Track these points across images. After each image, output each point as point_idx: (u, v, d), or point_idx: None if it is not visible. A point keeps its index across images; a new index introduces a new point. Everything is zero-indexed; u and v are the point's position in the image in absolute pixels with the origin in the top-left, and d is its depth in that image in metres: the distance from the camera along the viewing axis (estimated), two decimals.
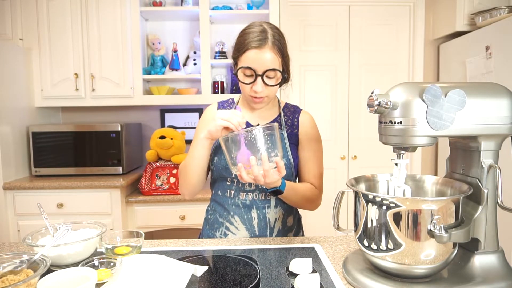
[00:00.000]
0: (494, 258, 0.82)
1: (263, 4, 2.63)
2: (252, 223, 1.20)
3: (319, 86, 2.97)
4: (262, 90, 1.12)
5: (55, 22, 2.48)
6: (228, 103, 1.31)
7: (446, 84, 0.79)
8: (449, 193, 0.87)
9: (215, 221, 1.26)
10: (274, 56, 1.09)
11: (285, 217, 1.23)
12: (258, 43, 1.08)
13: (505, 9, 2.24)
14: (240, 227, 1.21)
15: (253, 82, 1.11)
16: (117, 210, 2.30)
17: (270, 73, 1.10)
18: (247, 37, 1.11)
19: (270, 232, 1.21)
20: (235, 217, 1.21)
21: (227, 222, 1.22)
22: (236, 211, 1.21)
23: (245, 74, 1.13)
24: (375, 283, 0.80)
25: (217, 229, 1.24)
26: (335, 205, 0.90)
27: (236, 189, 1.21)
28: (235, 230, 1.21)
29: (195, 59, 2.65)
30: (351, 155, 3.01)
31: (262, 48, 1.08)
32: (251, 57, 1.09)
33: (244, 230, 1.20)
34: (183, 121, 2.87)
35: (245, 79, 1.13)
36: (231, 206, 1.21)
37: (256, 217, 1.20)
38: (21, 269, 0.80)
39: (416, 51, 2.92)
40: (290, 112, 1.28)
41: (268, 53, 1.08)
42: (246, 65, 1.10)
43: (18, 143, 2.41)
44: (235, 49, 1.18)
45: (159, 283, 0.81)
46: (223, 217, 1.23)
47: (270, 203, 1.20)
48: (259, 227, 1.20)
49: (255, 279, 0.87)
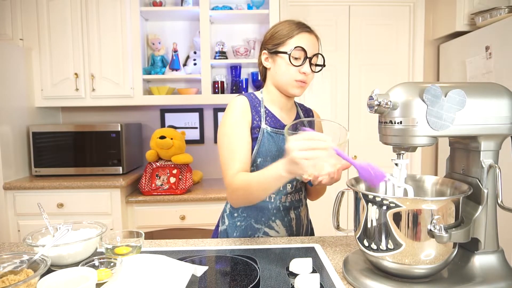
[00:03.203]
0: (494, 258, 0.83)
1: (263, 4, 2.63)
2: (291, 223, 1.22)
3: (319, 86, 2.96)
4: (310, 73, 1.14)
5: (55, 22, 2.48)
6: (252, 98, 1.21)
7: (446, 84, 0.79)
8: (449, 193, 0.87)
9: (248, 228, 1.21)
10: (318, 44, 1.17)
11: (307, 212, 1.31)
12: (308, 28, 1.16)
13: (505, 9, 2.24)
14: (281, 230, 1.21)
15: (302, 64, 1.13)
16: (117, 210, 2.30)
17: (316, 59, 1.16)
18: (291, 26, 1.15)
19: (303, 228, 1.26)
20: (276, 221, 1.20)
21: (266, 228, 1.20)
22: (277, 214, 1.20)
23: (294, 56, 1.13)
24: (375, 283, 0.80)
25: (251, 236, 1.21)
26: (335, 205, 0.90)
27: (278, 192, 1.20)
28: (275, 234, 1.21)
29: (195, 59, 2.65)
30: (351, 155, 3.01)
31: (312, 34, 1.16)
32: (304, 38, 1.14)
33: (284, 232, 1.22)
34: (183, 121, 2.87)
35: (294, 61, 1.14)
36: (272, 210, 1.20)
37: (294, 217, 1.23)
38: (21, 269, 0.80)
39: (416, 51, 2.92)
40: (304, 111, 1.33)
41: (316, 39, 1.16)
42: (300, 45, 1.13)
43: (18, 143, 2.41)
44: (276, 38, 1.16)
45: (159, 283, 0.81)
46: (260, 223, 1.20)
47: (302, 202, 1.26)
48: (296, 226, 1.24)
49: (255, 279, 0.87)
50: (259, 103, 1.20)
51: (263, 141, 1.16)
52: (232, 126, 1.13)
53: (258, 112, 1.18)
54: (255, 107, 1.19)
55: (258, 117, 1.17)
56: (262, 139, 1.16)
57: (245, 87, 2.71)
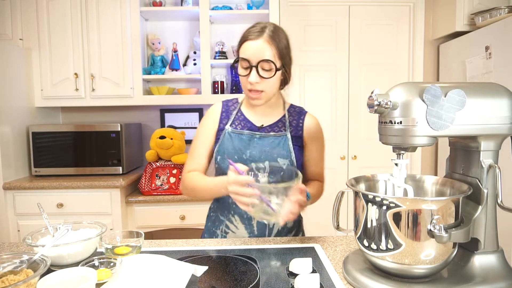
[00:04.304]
0: (494, 258, 0.82)
1: (263, 4, 2.63)
2: (252, 222, 1.21)
3: (319, 86, 2.97)
4: (257, 81, 1.12)
5: (55, 22, 2.48)
6: (232, 103, 1.31)
7: (446, 84, 0.79)
8: (449, 193, 0.87)
9: (216, 219, 1.28)
10: (269, 48, 1.11)
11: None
12: (255, 35, 1.12)
13: (505, 9, 2.24)
14: (239, 226, 1.21)
15: (248, 74, 1.13)
16: (117, 210, 2.30)
17: (265, 65, 1.11)
18: (248, 32, 1.15)
19: (269, 232, 1.22)
20: (235, 216, 1.21)
21: (227, 221, 1.24)
22: (236, 210, 1.21)
23: (242, 66, 1.14)
24: (375, 283, 0.80)
25: (217, 226, 1.26)
26: (335, 205, 0.90)
27: None
28: (235, 229, 1.22)
29: (195, 59, 2.65)
30: (351, 155, 3.01)
31: (257, 40, 1.11)
32: (247, 48, 1.12)
33: (243, 229, 1.21)
34: (183, 121, 2.87)
35: (242, 71, 1.15)
36: (232, 205, 1.21)
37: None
38: (21, 269, 0.80)
39: (416, 51, 2.92)
40: (295, 113, 1.29)
41: (263, 44, 1.11)
42: (242, 56, 1.13)
43: (18, 143, 2.41)
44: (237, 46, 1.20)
45: (159, 283, 0.81)
46: (223, 215, 1.25)
47: None
48: (258, 227, 1.21)
49: (255, 279, 0.87)
50: (236, 106, 1.29)
51: (223, 141, 1.23)
52: (199, 130, 1.28)
53: (228, 115, 1.27)
54: (227, 111, 1.28)
55: (226, 120, 1.26)
56: (222, 139, 1.23)
57: None
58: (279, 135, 1.23)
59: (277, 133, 1.23)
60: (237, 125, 1.25)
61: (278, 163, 1.19)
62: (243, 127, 1.24)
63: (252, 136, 1.22)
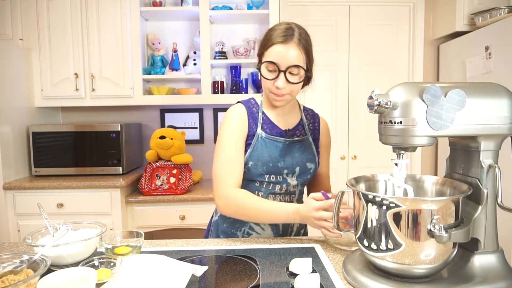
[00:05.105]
0: (493, 258, 0.82)
1: (263, 4, 2.63)
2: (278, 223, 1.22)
3: (319, 86, 2.96)
4: (284, 86, 1.11)
5: (55, 22, 2.48)
6: (252, 104, 1.24)
7: (446, 84, 0.79)
8: (449, 193, 0.87)
9: (237, 220, 1.21)
10: (299, 53, 1.09)
11: None
12: (283, 38, 1.08)
13: (505, 9, 2.24)
14: (266, 227, 1.22)
15: (275, 78, 1.10)
16: (117, 210, 2.30)
17: (294, 70, 1.09)
18: (273, 33, 1.11)
19: (291, 230, 1.25)
20: None
21: (252, 223, 1.21)
22: None
23: (268, 69, 1.12)
24: (375, 283, 0.80)
25: (238, 228, 1.23)
26: (335, 205, 0.90)
27: (266, 191, 1.21)
28: (260, 230, 1.22)
29: (195, 59, 2.65)
30: (351, 155, 3.01)
31: (287, 44, 1.08)
32: (275, 52, 1.09)
33: (269, 230, 1.22)
34: (183, 121, 2.87)
35: (268, 74, 1.12)
36: None
37: None
38: (21, 269, 0.80)
39: (416, 51, 2.92)
40: (309, 116, 1.31)
41: (293, 49, 1.08)
42: (270, 59, 1.10)
43: (18, 143, 2.41)
44: (260, 46, 1.17)
45: (159, 283, 0.81)
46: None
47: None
48: (283, 226, 1.23)
49: (255, 279, 0.87)
50: (258, 108, 1.23)
51: (257, 145, 1.17)
52: (230, 138, 1.16)
53: (255, 118, 1.21)
54: (252, 114, 1.21)
55: (254, 124, 1.20)
56: (256, 144, 1.17)
57: (245, 87, 2.71)
58: (303, 139, 1.24)
59: (301, 138, 1.24)
60: (266, 129, 1.20)
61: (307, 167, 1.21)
62: (271, 131, 1.21)
63: (284, 142, 1.20)
